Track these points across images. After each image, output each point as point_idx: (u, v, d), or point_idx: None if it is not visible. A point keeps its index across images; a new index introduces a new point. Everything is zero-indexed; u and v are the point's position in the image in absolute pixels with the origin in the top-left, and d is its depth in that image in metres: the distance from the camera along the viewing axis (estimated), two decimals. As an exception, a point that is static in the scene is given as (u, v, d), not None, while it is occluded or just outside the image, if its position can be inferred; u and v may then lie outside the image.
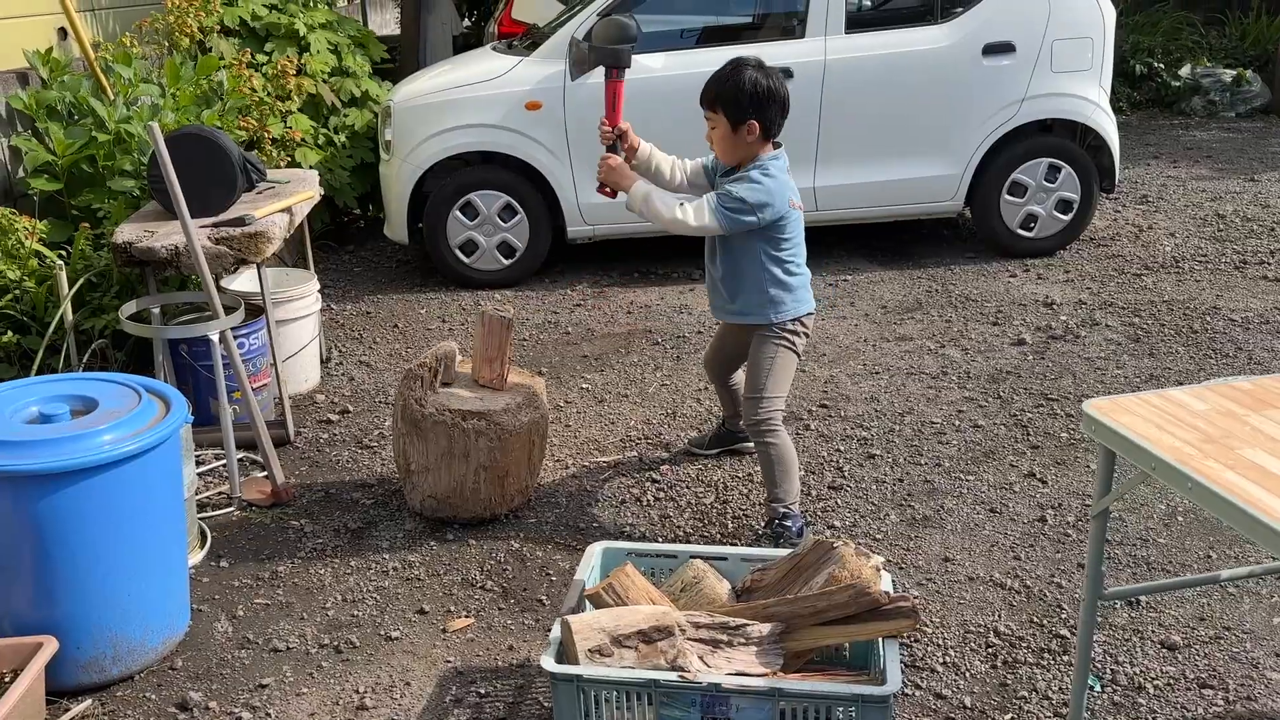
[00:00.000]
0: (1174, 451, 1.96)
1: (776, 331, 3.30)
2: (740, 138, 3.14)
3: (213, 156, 3.83)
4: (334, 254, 6.36)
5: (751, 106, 3.10)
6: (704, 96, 3.19)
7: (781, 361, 3.30)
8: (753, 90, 3.09)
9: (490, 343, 3.44)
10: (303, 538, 3.43)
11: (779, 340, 3.30)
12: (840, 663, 2.56)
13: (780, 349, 3.30)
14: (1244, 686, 2.66)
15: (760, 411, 3.26)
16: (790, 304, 3.29)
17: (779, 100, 3.13)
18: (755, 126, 3.12)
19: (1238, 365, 4.53)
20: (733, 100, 3.11)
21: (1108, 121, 5.81)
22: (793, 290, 3.28)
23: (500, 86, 5.55)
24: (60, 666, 2.63)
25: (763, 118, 3.11)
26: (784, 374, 3.31)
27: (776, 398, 3.28)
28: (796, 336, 3.33)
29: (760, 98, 3.09)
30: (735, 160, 3.20)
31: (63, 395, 2.80)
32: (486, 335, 3.43)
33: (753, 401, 3.29)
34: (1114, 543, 3.28)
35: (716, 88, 3.15)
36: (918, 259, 5.97)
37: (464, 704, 2.68)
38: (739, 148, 3.16)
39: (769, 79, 3.12)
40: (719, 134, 3.17)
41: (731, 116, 3.12)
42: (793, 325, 3.31)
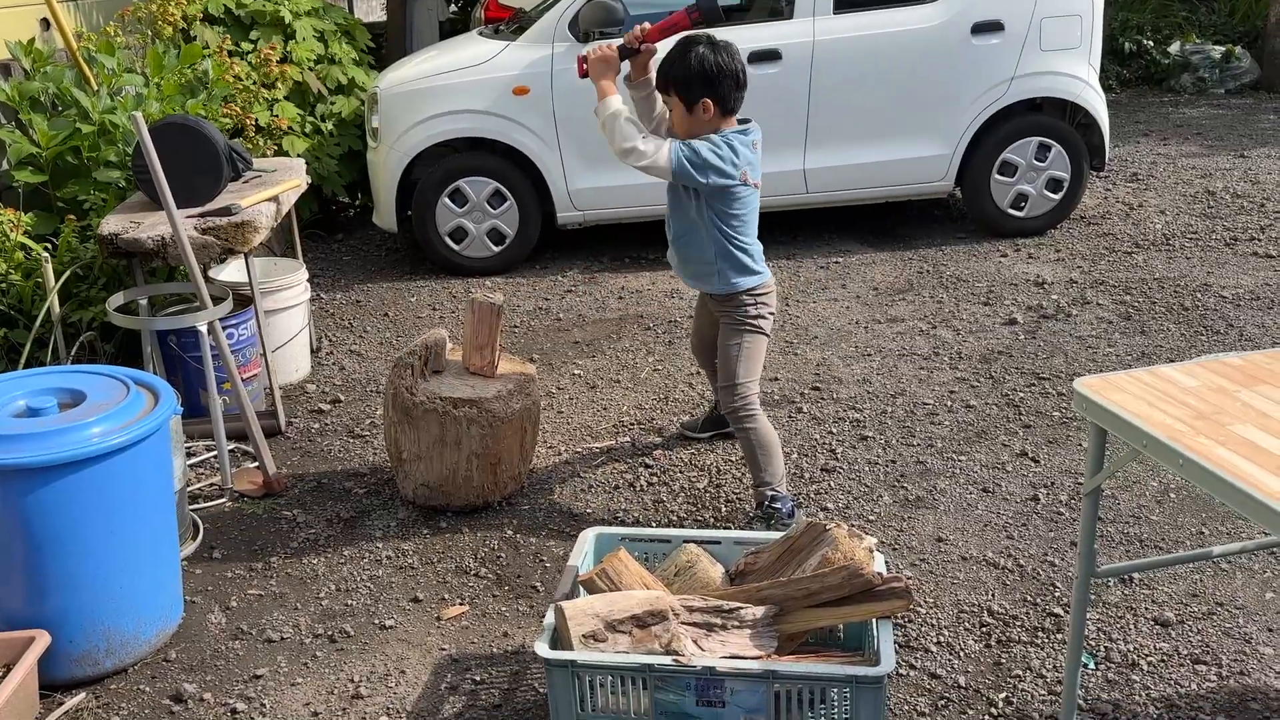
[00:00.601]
0: (1165, 428, 1.96)
1: (738, 317, 3.28)
2: (697, 117, 3.13)
3: (198, 146, 3.80)
4: (323, 243, 6.33)
5: (702, 85, 3.09)
6: (657, 81, 3.20)
7: (749, 347, 3.29)
8: (701, 68, 3.08)
9: (480, 330, 3.42)
10: (295, 528, 3.42)
11: (744, 326, 3.28)
12: (834, 644, 2.56)
13: (745, 334, 3.29)
14: (1237, 662, 2.67)
15: (735, 399, 3.26)
16: (742, 278, 3.25)
17: (731, 74, 3.11)
18: (709, 104, 3.11)
19: (1229, 342, 4.53)
20: (684, 81, 3.10)
21: (1097, 99, 5.80)
22: (740, 264, 3.24)
23: (487, 72, 5.52)
24: (53, 660, 2.63)
25: (715, 94, 3.11)
26: (754, 358, 3.30)
27: (749, 383, 3.28)
28: (761, 319, 3.31)
29: (711, 75, 3.08)
30: (693, 137, 3.17)
31: (50, 388, 2.79)
32: (476, 323, 3.42)
33: (727, 390, 3.28)
34: (1107, 520, 3.28)
35: (667, 70, 3.14)
36: (908, 240, 5.96)
37: (459, 691, 2.68)
38: (697, 126, 3.15)
39: (718, 54, 3.10)
40: (677, 115, 3.18)
41: (685, 97, 3.12)
42: (750, 302, 3.27)
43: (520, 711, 2.60)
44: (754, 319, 3.29)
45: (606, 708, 2.32)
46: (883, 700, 2.22)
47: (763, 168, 6.11)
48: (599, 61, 3.18)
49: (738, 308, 3.29)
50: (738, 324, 3.29)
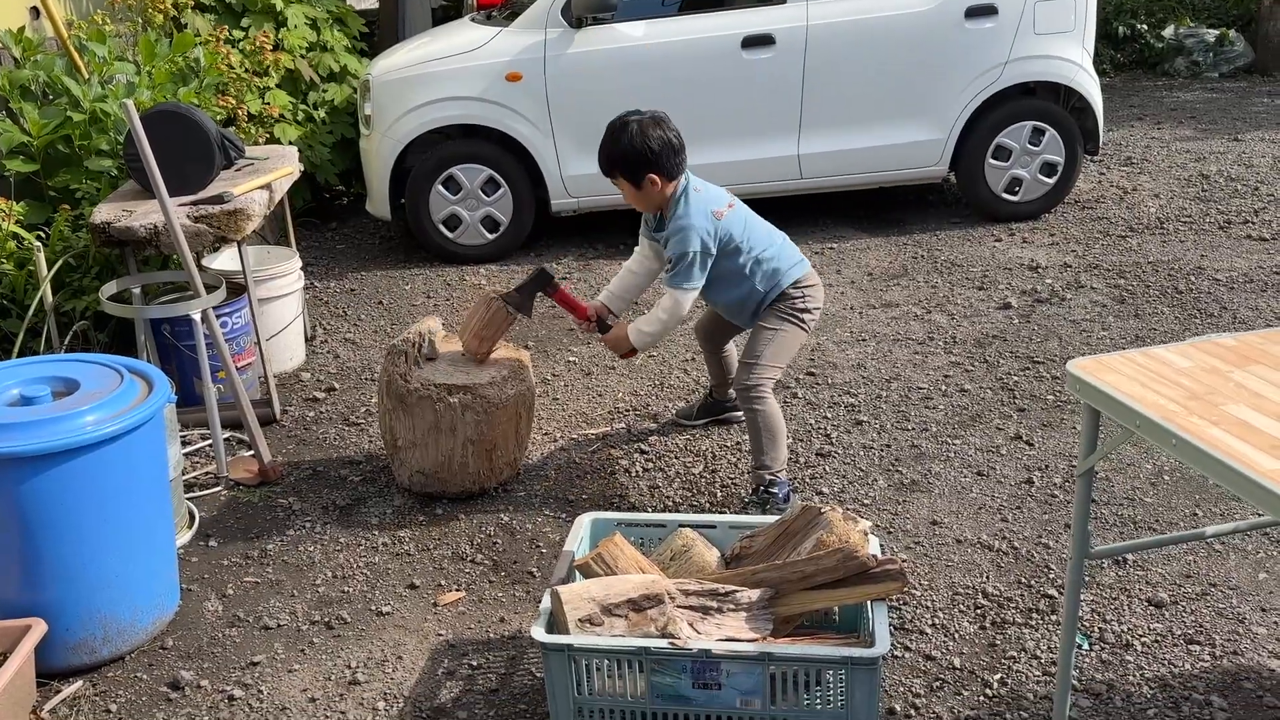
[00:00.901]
0: (1158, 409, 1.96)
1: (784, 309, 3.36)
2: (646, 191, 3.26)
3: (189, 134, 3.79)
4: (316, 231, 6.32)
5: (642, 165, 3.21)
6: (601, 165, 3.31)
7: (786, 335, 3.34)
8: (635, 150, 3.20)
9: (490, 325, 3.42)
10: (291, 516, 3.42)
11: (786, 315, 3.36)
12: (830, 627, 2.57)
13: (787, 323, 3.35)
14: (1230, 641, 2.69)
15: (753, 378, 3.27)
16: (784, 274, 3.36)
17: (668, 147, 3.22)
18: (655, 179, 3.23)
19: (1223, 325, 4.54)
20: (624, 164, 3.23)
21: (1091, 83, 5.80)
22: (775, 267, 3.36)
23: (480, 58, 5.50)
24: (50, 648, 2.63)
25: (657, 169, 3.22)
26: (786, 348, 3.36)
27: (772, 367, 3.30)
28: (806, 314, 3.38)
29: (648, 155, 3.20)
30: (654, 208, 3.34)
31: (44, 377, 2.78)
32: (488, 320, 3.41)
33: (747, 366, 3.30)
34: (1101, 503, 3.29)
35: (607, 156, 3.27)
36: (903, 225, 5.96)
37: (456, 676, 2.68)
38: (651, 197, 3.29)
39: (650, 131, 3.20)
40: (628, 194, 3.32)
41: (631, 178, 3.24)
42: (798, 295, 3.35)
43: (517, 695, 2.60)
44: (799, 311, 3.37)
45: (603, 691, 2.33)
46: (878, 681, 2.23)
47: (757, 154, 6.11)
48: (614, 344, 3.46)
49: (784, 300, 3.36)
50: (781, 313, 3.36)
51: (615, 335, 3.45)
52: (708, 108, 5.48)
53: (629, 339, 3.39)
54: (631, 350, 3.45)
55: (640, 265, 3.56)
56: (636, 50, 5.49)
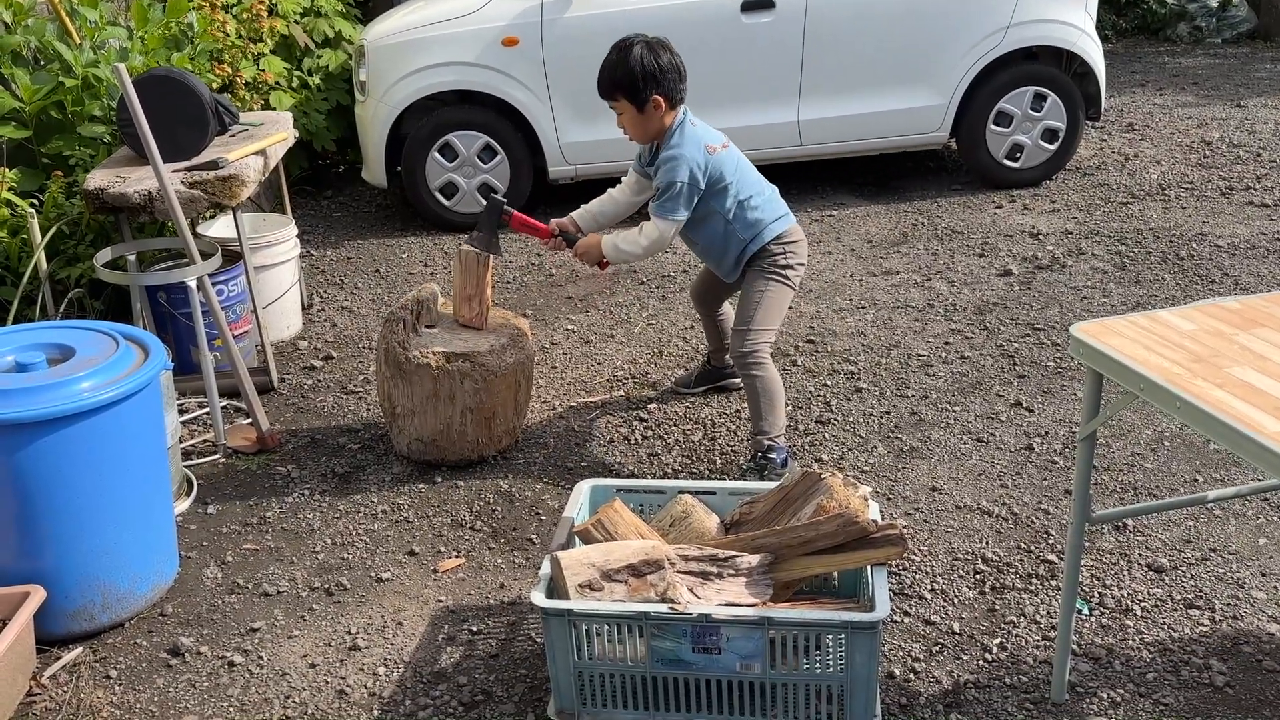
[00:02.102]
0: (1162, 371, 1.95)
1: (766, 265, 3.29)
2: (649, 115, 3.20)
3: (183, 99, 3.75)
4: (312, 199, 6.27)
5: (649, 84, 3.14)
6: (601, 89, 3.23)
7: (773, 295, 3.29)
8: (643, 69, 3.12)
9: (468, 280, 3.40)
10: (290, 483, 3.41)
11: (770, 274, 3.30)
12: (829, 592, 2.57)
13: (772, 282, 3.30)
14: (1230, 606, 2.69)
15: (747, 344, 3.25)
16: (766, 227, 3.31)
17: (674, 69, 3.17)
18: (660, 101, 3.16)
19: (1224, 291, 4.52)
20: (629, 84, 3.15)
21: (1094, 48, 5.74)
22: (761, 217, 3.30)
23: (476, 23, 5.44)
24: (49, 615, 2.63)
25: (662, 90, 3.16)
26: (775, 308, 3.30)
27: (766, 330, 3.27)
28: (789, 269, 3.32)
29: (654, 73, 3.13)
30: (651, 137, 3.27)
31: (39, 344, 2.76)
32: (464, 273, 3.40)
33: (740, 333, 3.27)
34: (1101, 468, 3.29)
35: (610, 76, 3.19)
36: (903, 192, 5.92)
37: (456, 642, 2.68)
38: (651, 123, 3.22)
39: (656, 54, 3.14)
40: (628, 118, 3.23)
41: (634, 100, 3.17)
42: (779, 251, 3.30)
43: (517, 661, 2.61)
44: (782, 268, 3.32)
45: (603, 656, 2.33)
46: (877, 646, 2.23)
47: (756, 120, 6.06)
48: (583, 258, 3.37)
49: (765, 257, 3.31)
50: (765, 272, 3.31)
51: (586, 244, 3.36)
52: (707, 73, 5.41)
53: (600, 249, 3.32)
54: (603, 260, 3.35)
55: (622, 194, 3.49)
56: (635, 14, 5.42)
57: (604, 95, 3.23)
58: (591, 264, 3.42)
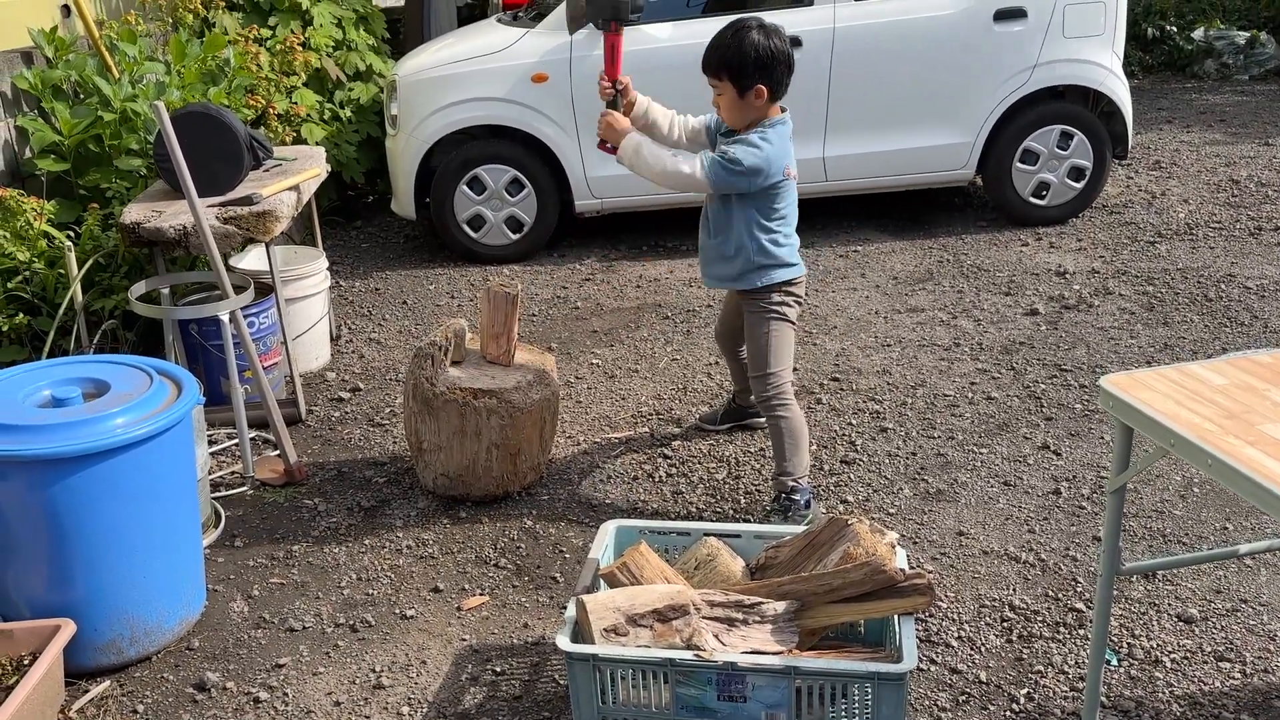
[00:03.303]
0: (1193, 428, 1.94)
1: (764, 305, 3.26)
2: (748, 102, 3.10)
3: (219, 134, 3.81)
4: (342, 230, 6.34)
5: (757, 70, 3.05)
6: (707, 63, 3.12)
7: (778, 335, 3.27)
8: (756, 54, 3.04)
9: (495, 318, 3.43)
10: (316, 516, 3.43)
11: (769, 314, 3.26)
12: (856, 640, 2.56)
13: (772, 322, 3.27)
14: (1261, 659, 2.66)
15: (769, 388, 3.25)
16: (775, 271, 3.24)
17: (784, 60, 3.07)
18: (763, 90, 3.07)
19: (1253, 333, 4.49)
20: (738, 66, 3.05)
21: (1120, 87, 5.74)
22: (778, 259, 3.23)
23: (506, 59, 5.51)
24: (78, 648, 2.65)
25: (769, 80, 3.07)
26: (783, 347, 3.28)
27: (781, 371, 3.27)
28: (786, 306, 3.28)
29: (765, 60, 3.04)
30: (743, 124, 3.16)
31: (74, 378, 2.80)
32: (491, 311, 3.43)
33: (759, 380, 3.27)
34: (1129, 515, 3.26)
35: (720, 54, 3.08)
36: (929, 229, 5.92)
37: (480, 682, 2.69)
38: (747, 112, 3.12)
39: (771, 39, 3.06)
40: (726, 100, 3.12)
41: (738, 82, 3.07)
42: (779, 294, 3.26)
43: (540, 703, 2.60)
44: (778, 306, 3.27)
45: (628, 701, 2.33)
46: (904, 697, 2.22)
47: (782, 156, 5.99)
48: (608, 129, 3.20)
49: (763, 298, 3.28)
50: (763, 311, 3.27)
51: (619, 122, 3.17)
52: (733, 110, 5.46)
53: (624, 138, 3.14)
54: (613, 148, 3.19)
55: (681, 126, 3.32)
56: (661, 51, 5.47)
57: (708, 72, 3.11)
58: (605, 138, 3.22)
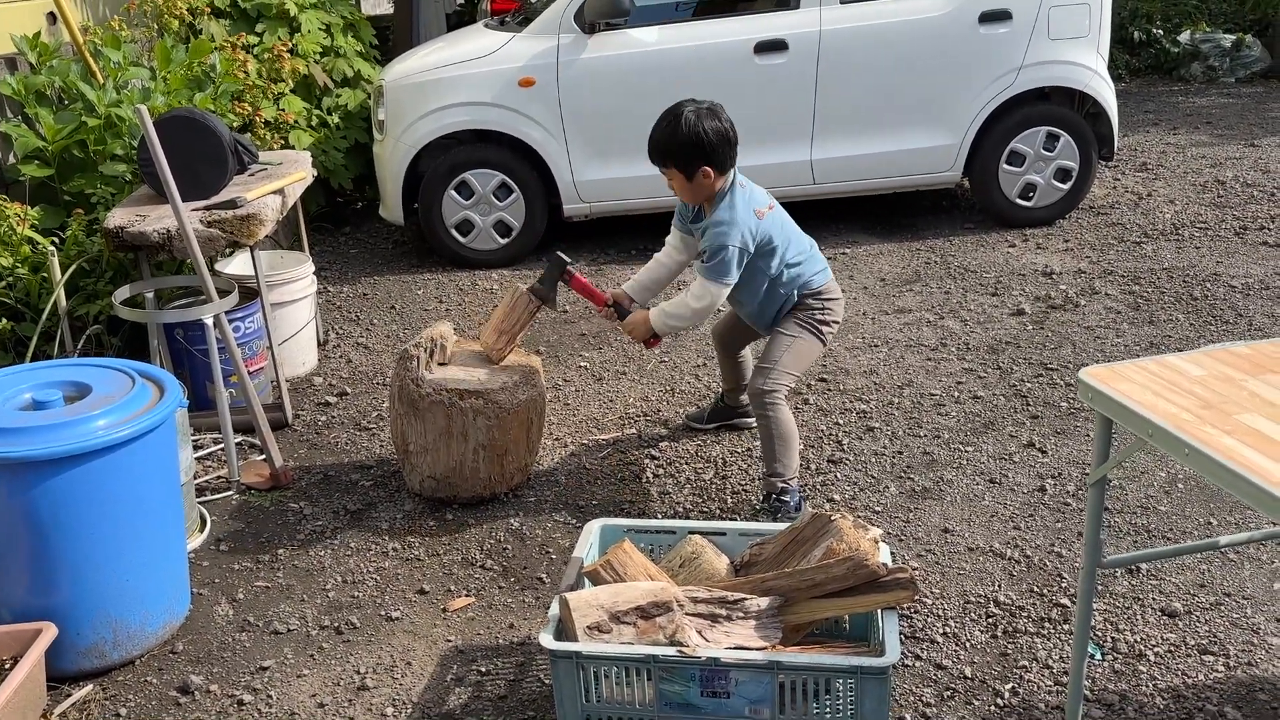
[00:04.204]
0: (1171, 418, 1.95)
1: (802, 317, 3.36)
2: (698, 183, 3.21)
3: (202, 139, 3.81)
4: (330, 236, 6.34)
5: (698, 155, 3.16)
6: (652, 154, 3.25)
7: (804, 343, 3.35)
8: (695, 140, 3.14)
9: (510, 317, 3.43)
10: (302, 520, 3.43)
11: (805, 324, 3.35)
12: (840, 635, 2.56)
13: (805, 331, 3.35)
14: (1245, 652, 2.66)
15: (768, 382, 3.26)
16: (807, 280, 3.36)
17: (723, 138, 3.18)
18: (709, 171, 3.19)
19: (1238, 332, 4.50)
20: (681, 154, 3.17)
21: (1106, 88, 5.77)
22: (802, 272, 3.36)
23: (493, 64, 5.51)
24: (60, 652, 2.64)
25: (713, 161, 3.18)
26: (803, 356, 3.35)
27: (788, 373, 3.30)
28: (825, 325, 3.38)
29: (705, 145, 3.15)
30: (699, 200, 3.29)
31: (56, 381, 2.79)
32: (511, 309, 3.43)
33: (763, 371, 3.29)
34: (1114, 511, 3.27)
35: (663, 145, 3.21)
36: (916, 230, 5.94)
37: (465, 683, 2.68)
38: (700, 190, 3.24)
39: (706, 122, 3.16)
40: (677, 184, 3.26)
41: (684, 169, 3.19)
42: (817, 306, 3.36)
43: (525, 702, 2.60)
44: (819, 323, 3.37)
45: (611, 698, 2.32)
46: (888, 691, 2.22)
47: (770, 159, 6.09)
48: (634, 333, 3.41)
49: (804, 309, 3.36)
50: (801, 323, 3.35)
51: (635, 319, 3.39)
52: (720, 113, 5.47)
53: (650, 322, 3.34)
54: (653, 336, 3.39)
55: (669, 257, 3.51)
56: (649, 55, 5.49)
57: (654, 161, 3.26)
58: (641, 339, 3.43)
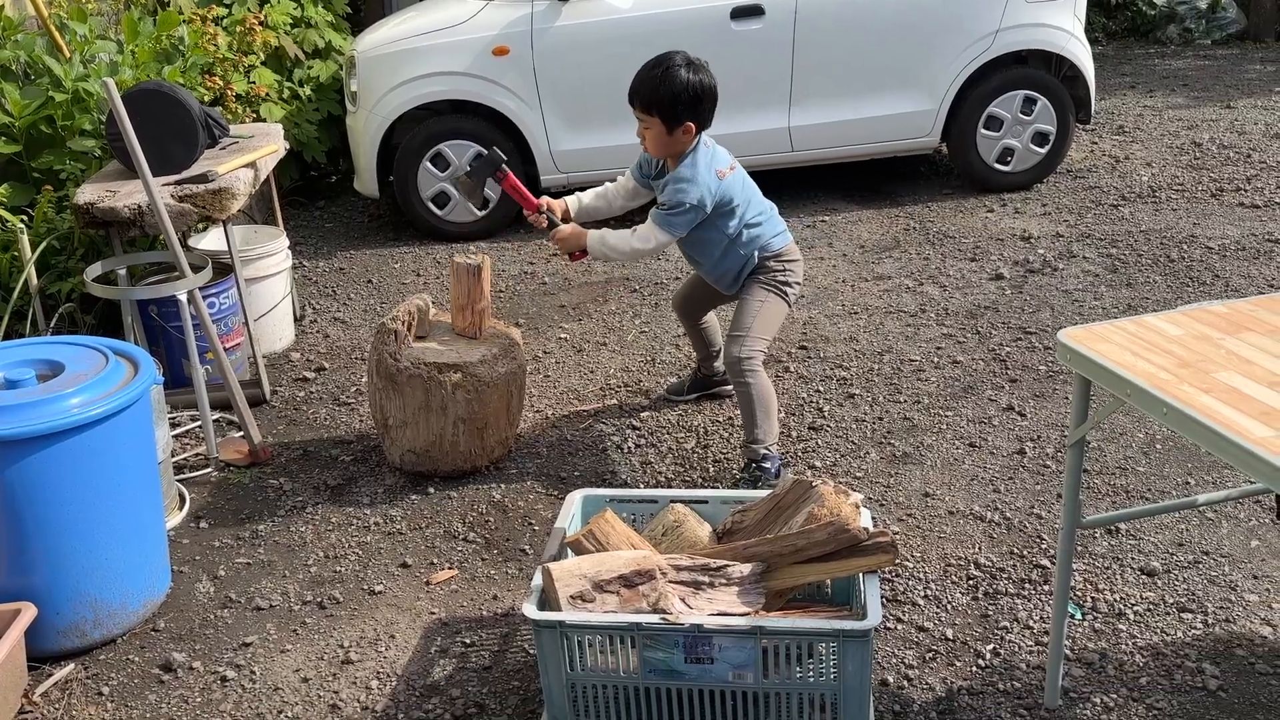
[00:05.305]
0: (1149, 377, 1.95)
1: (764, 280, 3.32)
2: (675, 138, 3.15)
3: (172, 112, 3.75)
4: (304, 210, 6.27)
5: (685, 109, 3.09)
6: (634, 98, 3.14)
7: (771, 307, 3.32)
8: (687, 93, 3.07)
9: (460, 290, 3.41)
10: (282, 496, 3.41)
11: (769, 286, 3.33)
12: (822, 599, 2.57)
13: (771, 294, 3.33)
14: (1223, 609, 2.69)
15: (741, 350, 3.25)
16: (766, 242, 3.32)
17: (711, 96, 3.12)
18: (692, 127, 3.12)
19: (1215, 293, 4.53)
20: (669, 104, 3.09)
21: (1083, 51, 5.76)
22: (761, 234, 3.32)
23: (466, 32, 5.45)
24: (40, 632, 2.62)
25: (696, 117, 3.11)
26: (771, 320, 3.33)
27: (759, 339, 3.28)
28: (787, 285, 3.34)
29: (694, 99, 3.08)
30: (669, 154, 3.22)
31: (27, 360, 2.76)
32: (456, 282, 3.41)
33: (735, 339, 3.28)
34: (1093, 472, 3.29)
35: (649, 92, 3.10)
36: (895, 197, 5.93)
37: (449, 654, 2.68)
38: (674, 145, 3.18)
39: (698, 75, 3.09)
40: (653, 134, 3.16)
41: (667, 120, 3.11)
42: (779, 268, 3.32)
43: (510, 672, 2.60)
44: (781, 284, 3.34)
45: (595, 667, 2.33)
46: (870, 653, 2.23)
47: (747, 126, 6.06)
48: (563, 243, 3.29)
49: (765, 271, 3.33)
50: (764, 285, 3.33)
51: (570, 232, 3.27)
52: (697, 80, 5.43)
53: (584, 240, 3.24)
54: (581, 252, 3.29)
55: (616, 196, 3.45)
56: (624, 22, 5.43)
57: (635, 106, 3.14)
58: (568, 251, 3.33)
